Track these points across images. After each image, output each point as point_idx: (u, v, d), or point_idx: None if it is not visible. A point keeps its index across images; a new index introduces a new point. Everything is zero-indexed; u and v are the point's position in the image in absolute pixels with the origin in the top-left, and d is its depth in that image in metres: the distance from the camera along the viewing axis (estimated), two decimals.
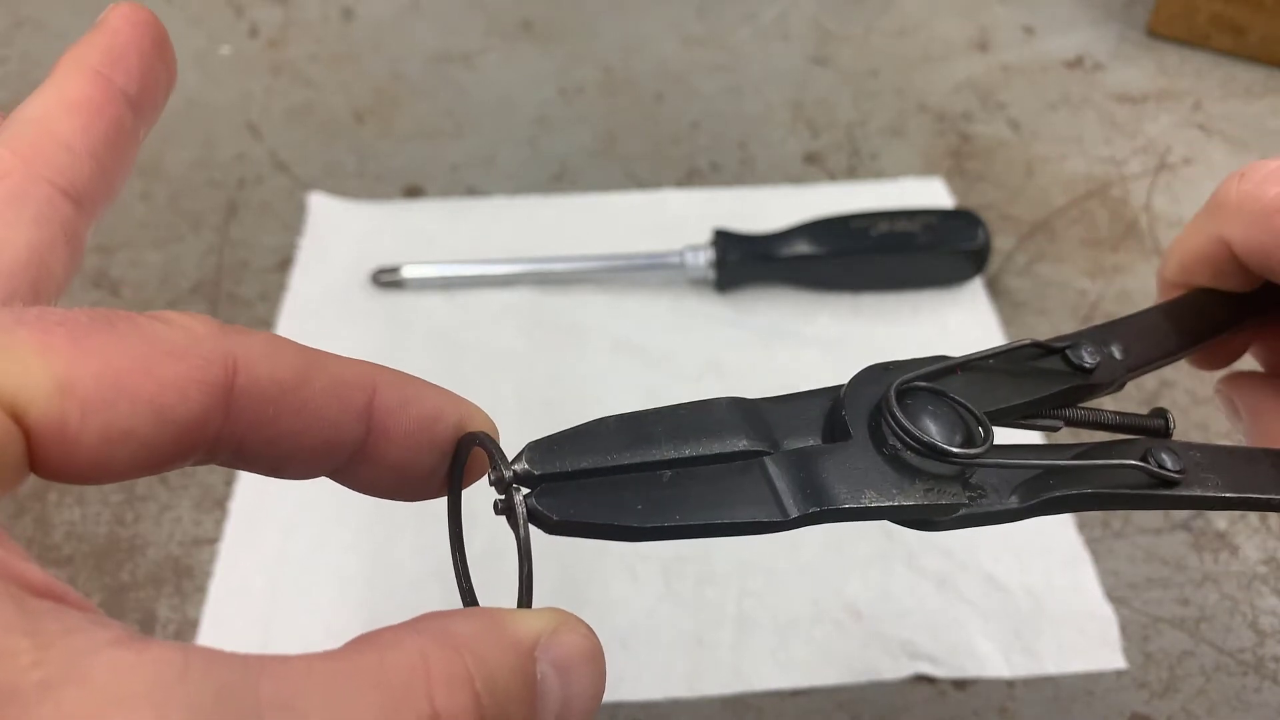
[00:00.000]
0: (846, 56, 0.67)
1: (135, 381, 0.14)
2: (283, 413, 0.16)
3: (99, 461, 0.14)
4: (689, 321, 0.50)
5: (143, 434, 0.15)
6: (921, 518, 0.21)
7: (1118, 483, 0.22)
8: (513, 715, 0.15)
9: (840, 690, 0.38)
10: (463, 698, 0.14)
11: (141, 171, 0.57)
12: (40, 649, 0.11)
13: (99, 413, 0.14)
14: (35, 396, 0.14)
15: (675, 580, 0.41)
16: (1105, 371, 0.24)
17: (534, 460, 0.19)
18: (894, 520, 0.21)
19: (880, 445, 0.20)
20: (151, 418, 0.15)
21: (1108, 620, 0.40)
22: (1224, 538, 0.42)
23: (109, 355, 0.14)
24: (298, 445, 0.17)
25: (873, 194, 0.57)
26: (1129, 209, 0.57)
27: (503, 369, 0.48)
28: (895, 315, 0.51)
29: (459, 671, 0.14)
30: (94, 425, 0.14)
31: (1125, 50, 0.67)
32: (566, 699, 0.16)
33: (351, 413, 0.17)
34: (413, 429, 0.18)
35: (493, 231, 0.54)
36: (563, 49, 0.67)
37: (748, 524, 0.19)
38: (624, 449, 0.19)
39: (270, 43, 0.66)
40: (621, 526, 0.18)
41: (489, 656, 0.15)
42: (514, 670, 0.15)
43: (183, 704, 0.12)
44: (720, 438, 0.20)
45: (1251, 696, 0.38)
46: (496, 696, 0.15)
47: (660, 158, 0.59)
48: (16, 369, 0.14)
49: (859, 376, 0.22)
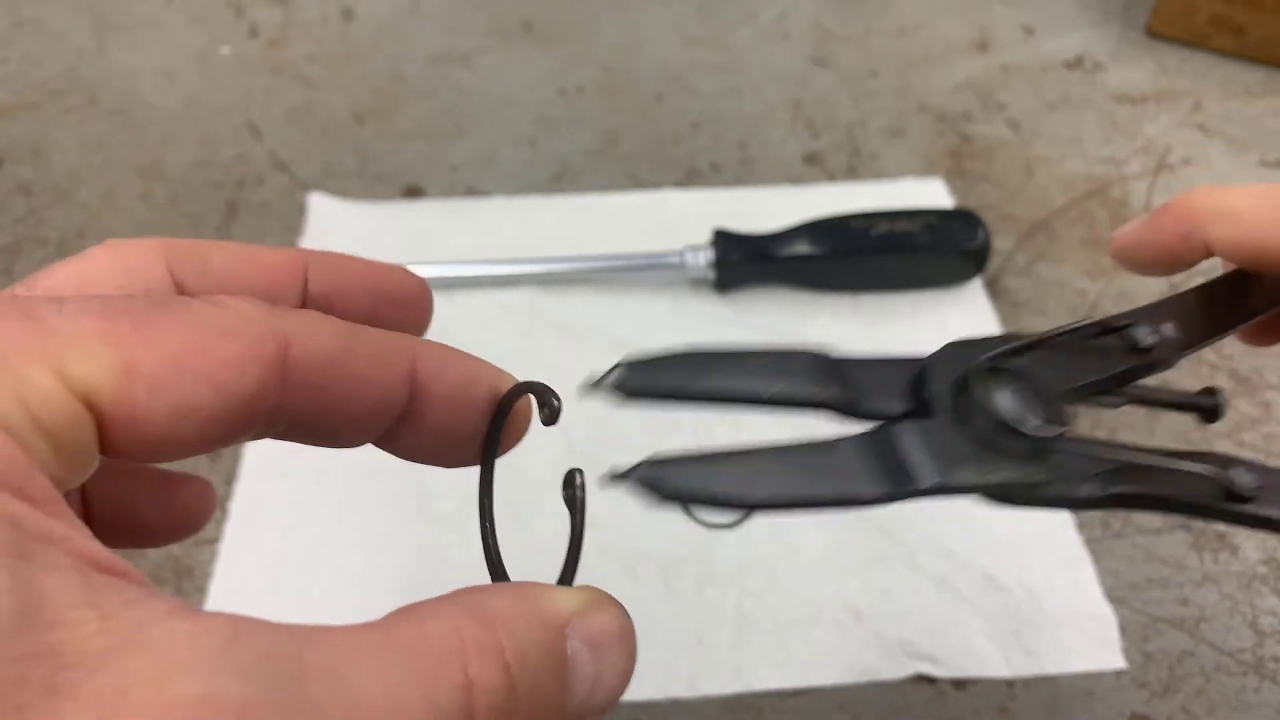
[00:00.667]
0: (846, 57, 0.67)
1: (196, 361, 0.15)
2: (334, 381, 0.17)
3: (167, 438, 0.15)
4: (689, 322, 0.50)
5: (206, 409, 0.16)
6: (1004, 496, 0.21)
7: (1192, 490, 0.22)
8: (543, 688, 0.16)
9: (840, 690, 0.38)
10: (494, 669, 0.15)
11: (141, 172, 0.57)
12: (103, 619, 0.12)
13: (164, 391, 0.15)
14: (104, 381, 0.15)
15: (675, 580, 0.41)
16: (1162, 350, 0.25)
17: (626, 376, 0.20)
18: (980, 493, 0.21)
19: (966, 422, 0.21)
20: (213, 393, 0.16)
21: (1107, 620, 0.40)
22: (1224, 538, 0.42)
23: (170, 338, 0.15)
24: (349, 411, 0.18)
25: (873, 194, 0.57)
26: (1129, 209, 0.57)
27: (503, 369, 0.48)
28: (895, 315, 0.51)
29: (491, 644, 0.15)
30: (161, 404, 0.15)
31: (1125, 50, 0.67)
32: (598, 675, 0.17)
33: (396, 376, 0.19)
34: (452, 391, 0.20)
35: (493, 232, 0.54)
36: (563, 49, 0.67)
37: (849, 499, 0.20)
38: (705, 377, 0.20)
39: (270, 43, 0.66)
40: (728, 495, 0.19)
41: (521, 631, 0.15)
42: (545, 645, 0.16)
43: (232, 668, 0.12)
44: (802, 384, 0.21)
45: (1251, 696, 0.38)
46: (527, 669, 0.15)
47: (660, 158, 0.59)
48: (86, 357, 0.14)
49: (942, 352, 0.22)
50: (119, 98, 0.62)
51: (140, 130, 0.60)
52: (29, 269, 0.52)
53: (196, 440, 0.16)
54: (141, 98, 0.62)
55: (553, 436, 0.45)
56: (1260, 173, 0.58)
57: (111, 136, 0.59)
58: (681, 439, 0.45)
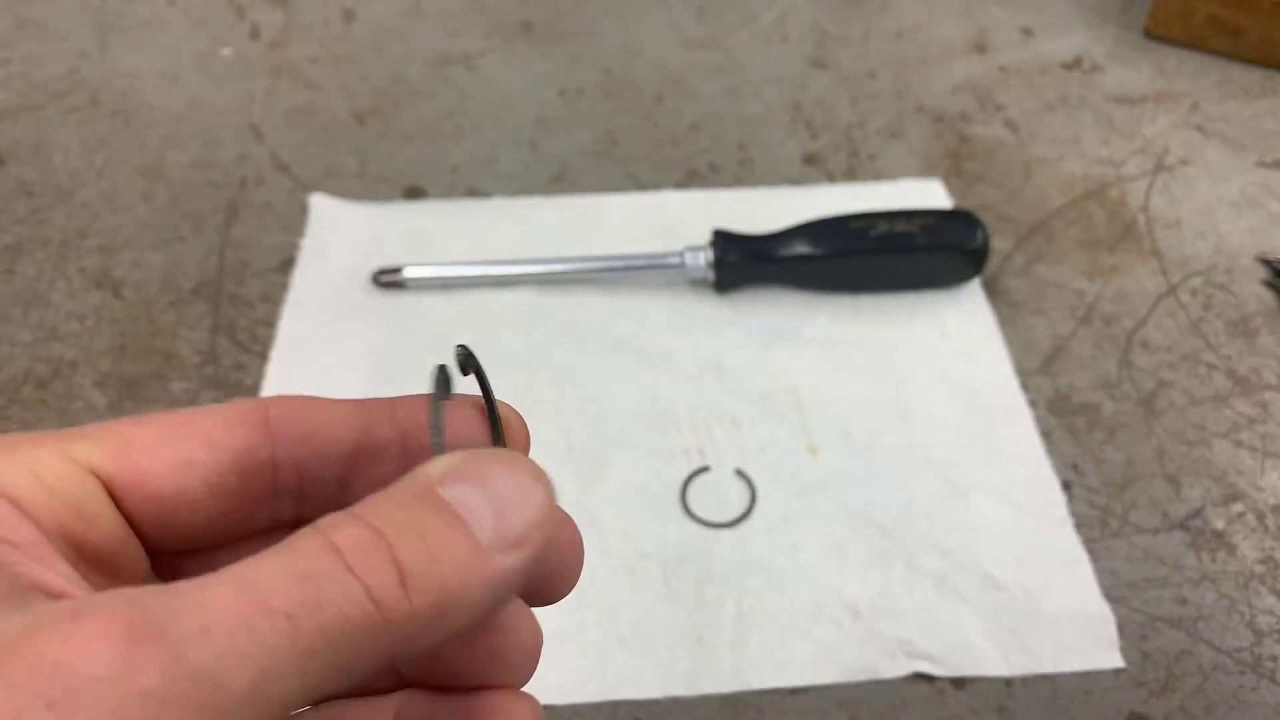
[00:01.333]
0: (845, 58, 0.67)
1: (186, 428, 0.18)
2: (317, 428, 0.19)
3: (176, 492, 0.17)
4: (688, 322, 0.50)
5: (205, 462, 0.18)
6: None
7: None
8: (439, 540, 0.15)
9: (839, 689, 0.38)
10: (378, 555, 0.14)
11: (143, 172, 0.57)
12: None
13: (162, 452, 0.17)
14: (104, 452, 0.17)
15: (675, 580, 0.41)
16: None
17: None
18: None
19: None
20: (207, 448, 0.18)
21: (1105, 619, 0.40)
22: (1221, 537, 0.43)
23: (162, 419, 0.18)
24: (337, 451, 0.19)
25: (871, 195, 0.57)
26: (1127, 210, 0.57)
27: (503, 369, 0.48)
28: (894, 315, 0.51)
29: (363, 534, 0.15)
30: (161, 462, 0.17)
31: (1123, 52, 0.67)
32: (496, 500, 0.16)
33: (382, 416, 0.20)
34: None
35: (493, 232, 0.54)
36: (563, 51, 0.67)
37: None
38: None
39: (271, 44, 0.66)
40: None
41: (397, 511, 0.15)
42: (417, 506, 0.15)
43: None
44: None
45: (1249, 695, 0.38)
46: (410, 534, 0.15)
47: (660, 159, 0.59)
48: (86, 438, 0.17)
49: None
50: (120, 99, 0.62)
51: (142, 131, 0.60)
52: (31, 269, 0.52)
53: (205, 492, 0.18)
54: (143, 99, 0.62)
55: (554, 437, 0.45)
56: (1258, 173, 0.58)
57: (113, 137, 0.60)
58: (681, 438, 0.46)
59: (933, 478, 0.44)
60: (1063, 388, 0.48)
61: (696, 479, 0.44)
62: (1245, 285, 0.53)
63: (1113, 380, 0.48)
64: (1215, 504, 0.44)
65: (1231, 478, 0.45)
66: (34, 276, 0.52)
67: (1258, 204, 0.57)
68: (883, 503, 0.43)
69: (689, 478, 0.44)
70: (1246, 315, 0.51)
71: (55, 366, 0.48)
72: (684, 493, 0.44)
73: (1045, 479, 0.44)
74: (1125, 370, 0.49)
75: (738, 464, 0.45)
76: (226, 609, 0.13)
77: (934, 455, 0.45)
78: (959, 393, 0.47)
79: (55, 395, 0.47)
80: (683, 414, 0.47)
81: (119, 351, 0.49)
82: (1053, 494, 0.44)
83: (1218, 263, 0.54)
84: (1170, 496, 0.44)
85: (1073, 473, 0.45)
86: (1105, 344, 0.50)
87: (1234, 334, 0.50)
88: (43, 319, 0.50)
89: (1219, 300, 0.52)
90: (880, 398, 0.47)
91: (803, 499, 0.44)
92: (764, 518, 0.43)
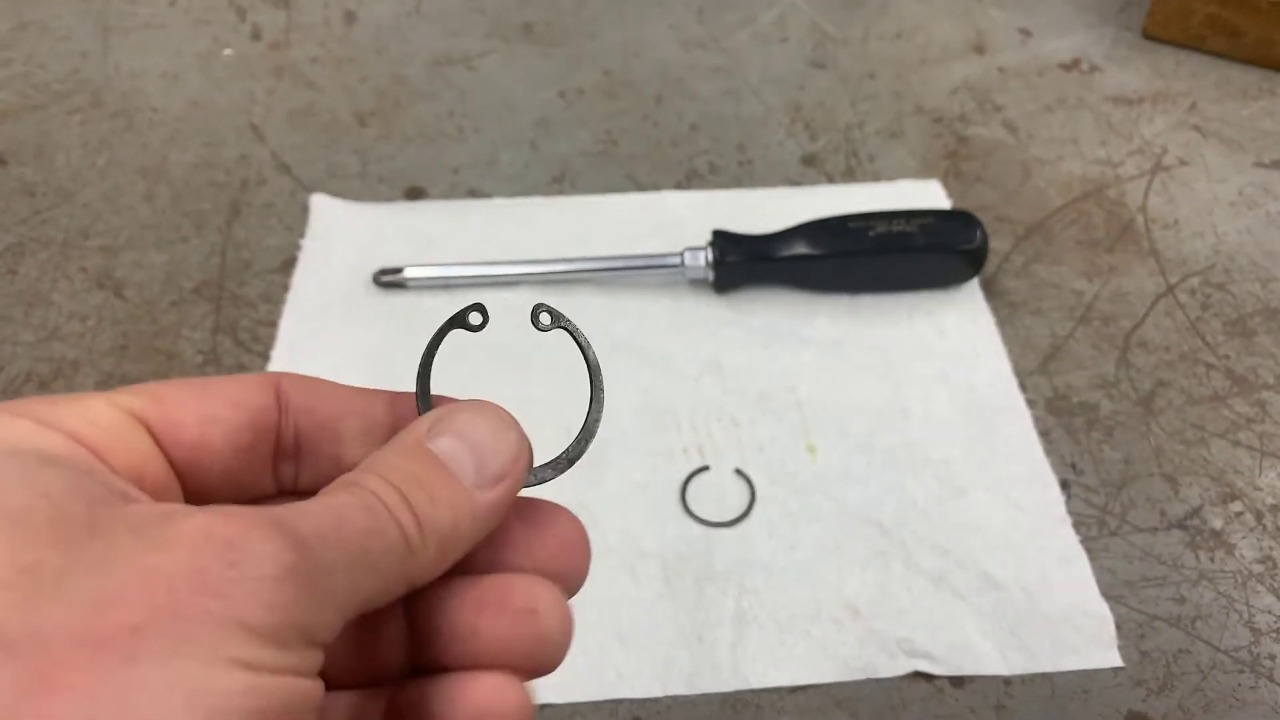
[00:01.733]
0: (844, 59, 0.67)
1: (212, 390, 0.20)
2: (321, 401, 0.21)
3: (199, 441, 0.19)
4: (688, 322, 0.50)
5: (226, 419, 0.20)
6: None
7: None
8: (436, 487, 0.18)
9: (838, 687, 0.39)
10: (402, 504, 0.18)
11: (145, 173, 0.58)
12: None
13: (191, 407, 0.20)
14: (144, 403, 0.19)
15: (675, 578, 0.41)
16: None
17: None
18: None
19: None
20: (230, 406, 0.20)
21: (1104, 618, 0.40)
22: (1219, 536, 0.43)
23: (190, 383, 0.20)
24: (335, 424, 0.21)
25: (870, 195, 0.57)
26: (1125, 210, 0.57)
27: (503, 369, 0.48)
28: (893, 316, 0.51)
29: (388, 488, 0.18)
30: (189, 415, 0.19)
31: (1121, 53, 0.67)
32: (478, 446, 0.19)
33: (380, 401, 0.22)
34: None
35: (494, 233, 0.55)
36: (563, 52, 0.67)
37: None
38: None
39: (273, 45, 0.66)
40: None
41: (399, 463, 0.19)
42: (409, 459, 0.19)
43: None
44: None
45: (1247, 694, 0.38)
46: (414, 485, 0.18)
47: (659, 159, 0.60)
48: (127, 394, 0.19)
49: None
50: (122, 99, 0.62)
51: (143, 131, 0.60)
52: (33, 269, 0.52)
53: (225, 445, 0.20)
54: (145, 99, 0.62)
55: (554, 437, 0.45)
56: (1256, 173, 0.59)
57: (115, 138, 0.60)
58: (680, 438, 0.46)
59: (931, 477, 0.44)
60: (1061, 387, 0.48)
61: (696, 478, 0.44)
62: (1243, 285, 0.53)
63: (1111, 380, 0.49)
64: (1213, 503, 0.44)
65: (1229, 477, 0.45)
66: (36, 277, 0.52)
67: (1255, 204, 0.57)
68: (881, 502, 0.44)
69: (689, 477, 0.44)
70: (1244, 315, 0.52)
71: (57, 366, 0.48)
72: (684, 492, 0.44)
73: (1044, 478, 0.44)
74: (1123, 370, 0.49)
75: (737, 463, 0.45)
76: (331, 526, 0.17)
77: (932, 455, 0.45)
78: (957, 392, 0.48)
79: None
80: (682, 414, 0.47)
81: (121, 351, 0.49)
82: (1051, 493, 0.44)
83: (1216, 263, 0.54)
84: (1168, 496, 0.44)
85: (1071, 472, 0.45)
86: (1103, 344, 0.50)
87: (1232, 334, 0.51)
88: (45, 319, 0.50)
89: (1217, 300, 0.52)
90: (879, 397, 0.47)
91: (802, 498, 0.44)
92: (763, 517, 0.43)
